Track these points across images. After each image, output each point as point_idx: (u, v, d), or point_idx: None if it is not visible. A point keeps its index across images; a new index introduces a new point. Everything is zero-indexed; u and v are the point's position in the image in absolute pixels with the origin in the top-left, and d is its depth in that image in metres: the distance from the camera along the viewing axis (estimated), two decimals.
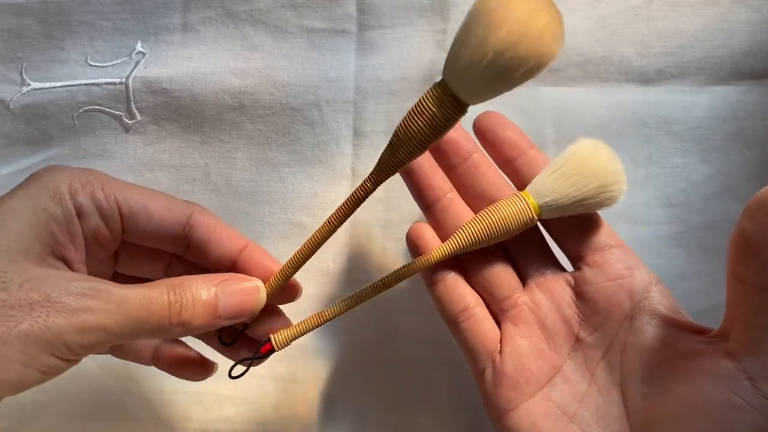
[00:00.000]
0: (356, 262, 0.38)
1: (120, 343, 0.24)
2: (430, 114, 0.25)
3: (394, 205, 0.38)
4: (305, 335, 0.38)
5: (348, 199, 0.28)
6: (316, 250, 0.29)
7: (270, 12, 0.38)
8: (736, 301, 0.25)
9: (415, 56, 0.38)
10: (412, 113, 0.26)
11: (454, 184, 0.31)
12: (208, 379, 0.38)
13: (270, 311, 0.29)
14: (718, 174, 0.37)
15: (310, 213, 0.38)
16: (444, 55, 0.37)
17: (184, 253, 0.29)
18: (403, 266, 0.29)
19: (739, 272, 0.24)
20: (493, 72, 0.24)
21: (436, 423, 0.37)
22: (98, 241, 0.27)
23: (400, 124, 0.26)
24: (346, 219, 0.28)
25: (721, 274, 0.37)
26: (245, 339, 0.30)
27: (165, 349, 0.31)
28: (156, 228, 0.28)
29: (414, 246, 0.31)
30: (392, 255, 0.38)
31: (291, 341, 0.29)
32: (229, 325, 0.27)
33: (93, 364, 0.38)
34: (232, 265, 0.29)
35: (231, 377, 0.29)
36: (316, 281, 0.38)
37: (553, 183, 0.28)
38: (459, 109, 0.25)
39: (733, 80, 0.37)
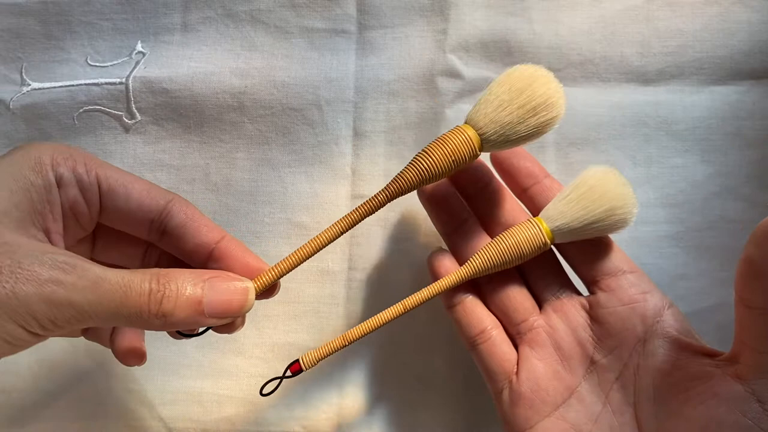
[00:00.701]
0: (356, 262, 0.38)
1: (94, 325, 0.23)
2: (460, 158, 0.29)
3: (394, 205, 0.37)
4: (301, 335, 0.38)
5: (355, 209, 0.29)
6: (314, 254, 0.29)
7: (270, 12, 0.38)
8: (744, 326, 0.26)
9: (415, 56, 0.38)
10: (442, 147, 0.29)
11: (472, 211, 0.33)
12: (208, 379, 0.38)
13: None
14: (717, 174, 0.37)
15: (310, 213, 0.38)
16: (443, 56, 0.38)
17: (160, 242, 0.28)
18: (422, 290, 0.30)
19: (746, 297, 0.25)
20: (527, 136, 0.29)
21: (436, 423, 0.37)
22: (75, 215, 0.27)
23: (428, 156, 0.29)
24: (351, 228, 0.30)
25: (720, 274, 0.37)
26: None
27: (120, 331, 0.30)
28: (134, 209, 0.27)
29: (434, 271, 0.32)
30: (392, 255, 0.38)
31: (318, 362, 0.30)
32: (215, 325, 0.26)
33: (93, 364, 0.38)
34: (208, 256, 0.28)
35: (262, 394, 0.29)
36: (316, 281, 0.38)
37: (563, 207, 0.30)
38: (478, 153, 0.30)
39: (733, 80, 0.37)
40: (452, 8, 0.38)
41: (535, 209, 0.32)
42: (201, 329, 0.28)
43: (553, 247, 0.32)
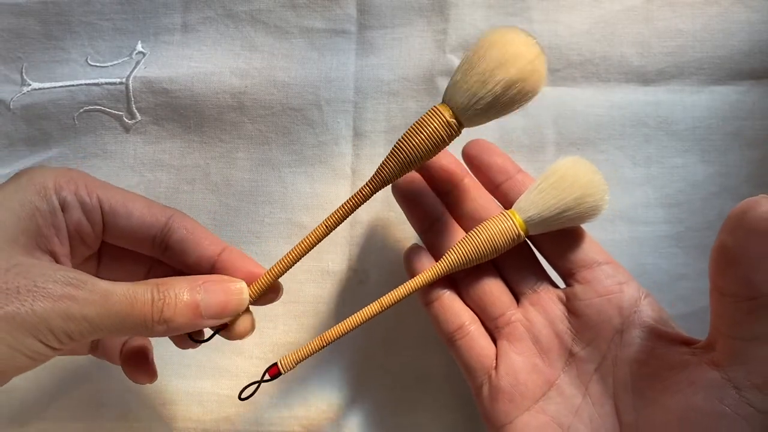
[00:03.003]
0: (356, 262, 0.38)
1: (103, 336, 0.25)
2: (440, 139, 0.28)
3: (393, 204, 0.37)
4: (301, 335, 0.38)
5: (344, 204, 0.29)
6: (308, 252, 0.29)
7: (270, 12, 0.38)
8: (719, 313, 0.26)
9: (415, 56, 0.38)
10: (420, 132, 0.28)
11: (447, 208, 0.33)
12: (208, 379, 0.38)
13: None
14: (717, 174, 0.37)
15: (310, 213, 0.38)
16: (443, 56, 0.38)
17: (163, 257, 0.29)
18: (399, 287, 0.30)
19: (719, 284, 0.25)
20: (499, 105, 0.28)
21: (436, 423, 0.37)
22: (80, 236, 0.28)
23: (407, 143, 0.29)
24: (341, 222, 0.30)
25: None
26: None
27: (129, 346, 0.31)
28: (135, 227, 0.28)
29: (410, 267, 0.32)
30: (392, 256, 0.38)
31: (297, 364, 0.30)
32: (212, 326, 0.28)
33: (93, 364, 0.38)
34: (210, 269, 0.29)
35: (240, 399, 0.29)
36: (316, 281, 0.38)
37: (535, 198, 0.30)
38: (458, 130, 0.29)
39: (733, 80, 0.37)
40: (452, 8, 0.38)
41: (508, 205, 0.31)
42: (208, 336, 0.29)
43: (528, 240, 0.32)
